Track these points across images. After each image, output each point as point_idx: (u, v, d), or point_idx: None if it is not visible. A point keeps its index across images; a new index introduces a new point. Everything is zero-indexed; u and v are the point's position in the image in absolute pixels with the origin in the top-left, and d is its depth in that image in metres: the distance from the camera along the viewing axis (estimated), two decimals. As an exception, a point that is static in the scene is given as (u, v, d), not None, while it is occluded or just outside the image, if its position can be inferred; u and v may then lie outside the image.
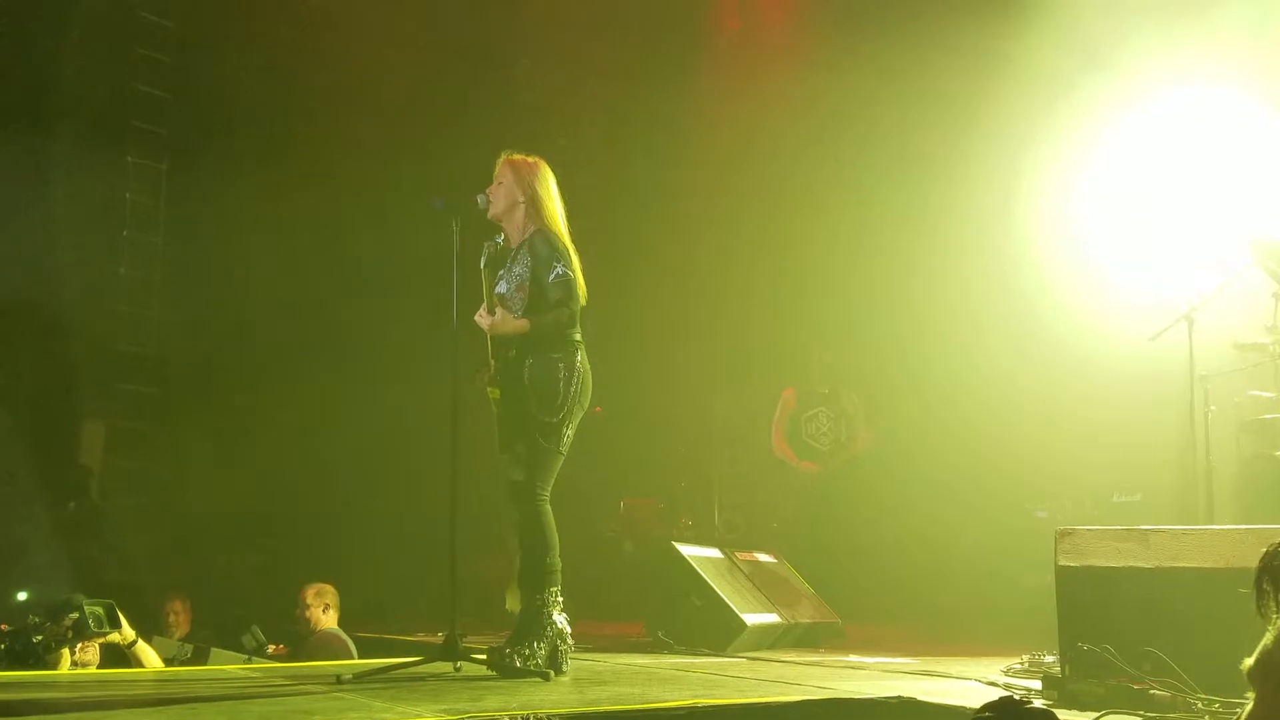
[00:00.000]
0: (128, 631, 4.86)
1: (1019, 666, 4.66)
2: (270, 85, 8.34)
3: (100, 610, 4.69)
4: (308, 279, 8.17)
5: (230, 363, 8.21)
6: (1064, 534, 4.13)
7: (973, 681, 4.39)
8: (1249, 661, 1.19)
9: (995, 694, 1.32)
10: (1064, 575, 4.05)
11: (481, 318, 4.36)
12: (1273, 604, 1.15)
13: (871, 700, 3.83)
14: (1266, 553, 1.19)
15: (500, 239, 4.50)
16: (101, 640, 4.76)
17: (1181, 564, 3.79)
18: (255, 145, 8.06)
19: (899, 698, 3.80)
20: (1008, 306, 7.60)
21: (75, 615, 4.61)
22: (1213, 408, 5.76)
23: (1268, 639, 1.14)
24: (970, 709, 3.21)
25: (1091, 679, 3.67)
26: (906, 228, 7.99)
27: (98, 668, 4.75)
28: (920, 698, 3.80)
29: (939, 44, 7.68)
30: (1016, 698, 1.21)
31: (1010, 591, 6.90)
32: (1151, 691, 3.50)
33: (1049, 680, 3.85)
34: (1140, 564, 3.88)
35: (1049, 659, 4.49)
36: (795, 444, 8.06)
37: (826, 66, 8.24)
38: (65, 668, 4.59)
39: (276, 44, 8.24)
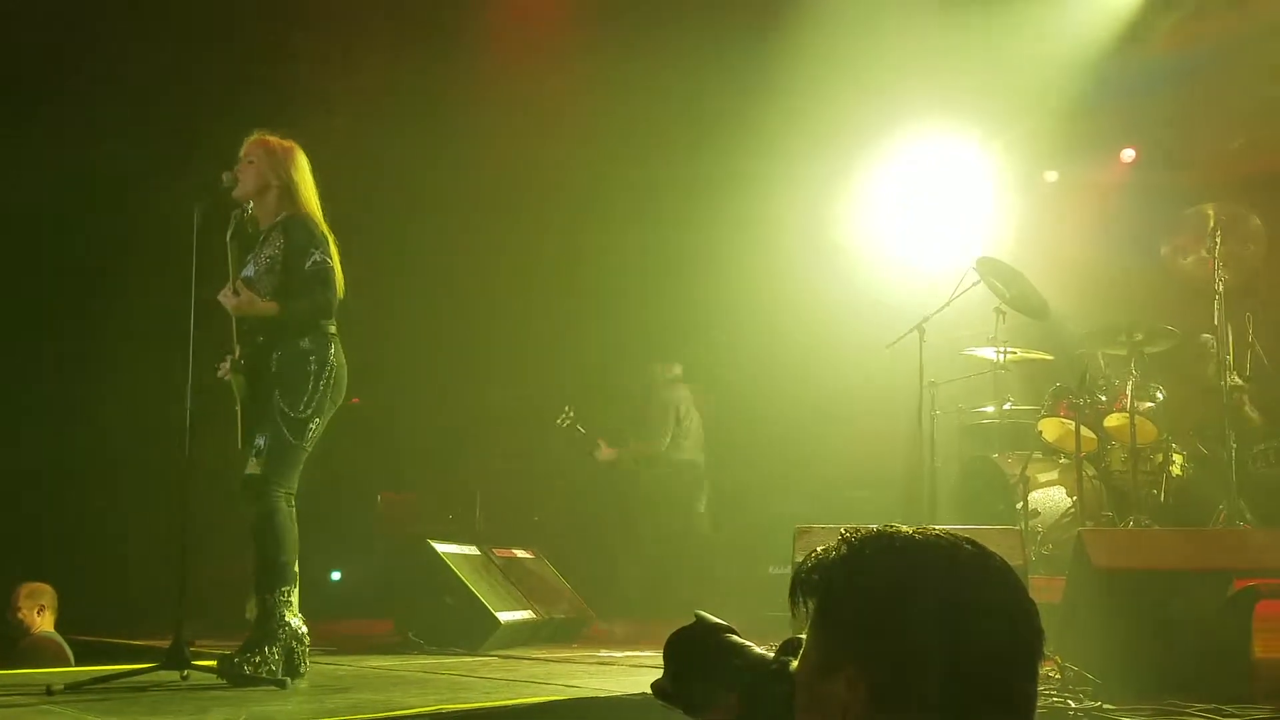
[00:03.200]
0: None
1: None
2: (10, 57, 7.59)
3: None
4: (33, 256, 7.52)
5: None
6: (801, 532, 4.34)
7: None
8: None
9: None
10: (799, 572, 4.25)
11: (226, 297, 4.10)
12: (804, 615, 1.27)
13: (617, 698, 3.89)
14: (801, 564, 1.29)
15: (249, 207, 4.25)
16: None
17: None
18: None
19: (644, 694, 3.89)
20: (766, 311, 7.93)
21: None
22: (938, 412, 6.21)
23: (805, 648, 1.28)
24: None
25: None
26: (678, 229, 8.19)
27: None
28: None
29: (710, 58, 7.89)
30: None
31: (760, 583, 7.21)
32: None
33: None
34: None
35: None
36: None
37: (598, 59, 8.28)
38: None
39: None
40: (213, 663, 3.97)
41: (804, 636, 1.29)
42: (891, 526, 1.28)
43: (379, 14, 8.28)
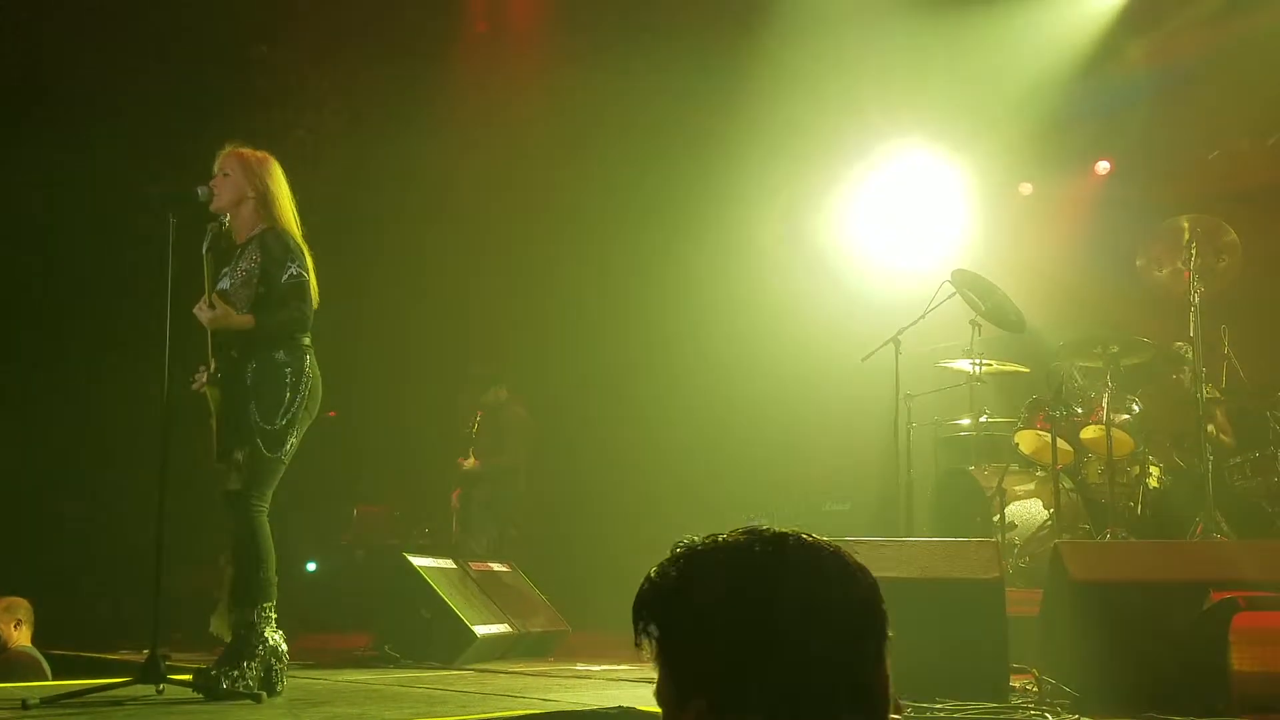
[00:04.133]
0: None
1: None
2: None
3: None
4: (5, 264, 7.44)
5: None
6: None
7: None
8: None
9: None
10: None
11: (201, 310, 4.06)
12: (646, 639, 1.23)
13: (593, 711, 3.87)
14: (639, 589, 1.26)
15: (226, 220, 4.23)
16: None
17: (879, 574, 4.04)
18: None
19: (619, 707, 3.87)
20: (739, 323, 7.94)
21: None
22: (914, 424, 6.23)
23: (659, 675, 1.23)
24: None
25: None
26: (648, 238, 8.20)
27: None
28: (639, 706, 3.87)
29: (684, 63, 7.91)
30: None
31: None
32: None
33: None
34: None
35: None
36: None
37: (574, 71, 8.31)
38: None
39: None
40: (188, 677, 3.94)
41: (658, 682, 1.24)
42: (715, 536, 1.23)
43: (349, 25, 8.26)
